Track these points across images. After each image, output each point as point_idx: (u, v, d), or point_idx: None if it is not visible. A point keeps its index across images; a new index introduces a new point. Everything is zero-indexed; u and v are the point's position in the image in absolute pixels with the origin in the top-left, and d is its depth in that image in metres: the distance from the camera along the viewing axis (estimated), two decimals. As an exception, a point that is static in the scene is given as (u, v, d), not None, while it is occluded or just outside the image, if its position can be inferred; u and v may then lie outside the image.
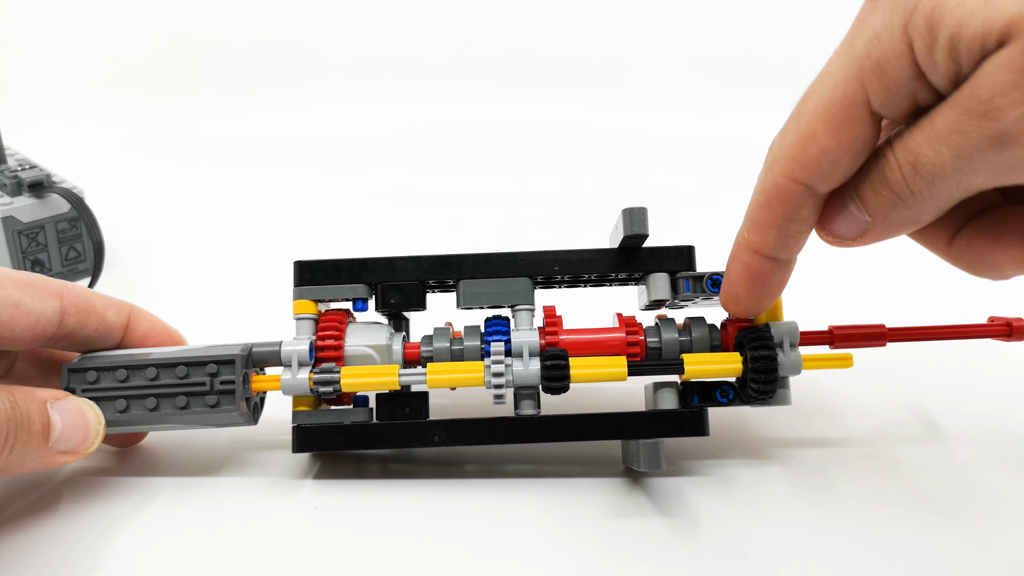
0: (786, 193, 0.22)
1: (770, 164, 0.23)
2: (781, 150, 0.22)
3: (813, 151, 0.21)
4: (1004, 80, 0.17)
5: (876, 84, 0.20)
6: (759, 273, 0.25)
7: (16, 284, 0.28)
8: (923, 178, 0.20)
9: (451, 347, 0.31)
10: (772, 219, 0.23)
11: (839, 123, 0.21)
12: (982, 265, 0.21)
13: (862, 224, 0.22)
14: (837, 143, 0.21)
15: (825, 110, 0.21)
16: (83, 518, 0.29)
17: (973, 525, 0.29)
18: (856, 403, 0.37)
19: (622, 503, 0.30)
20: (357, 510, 0.29)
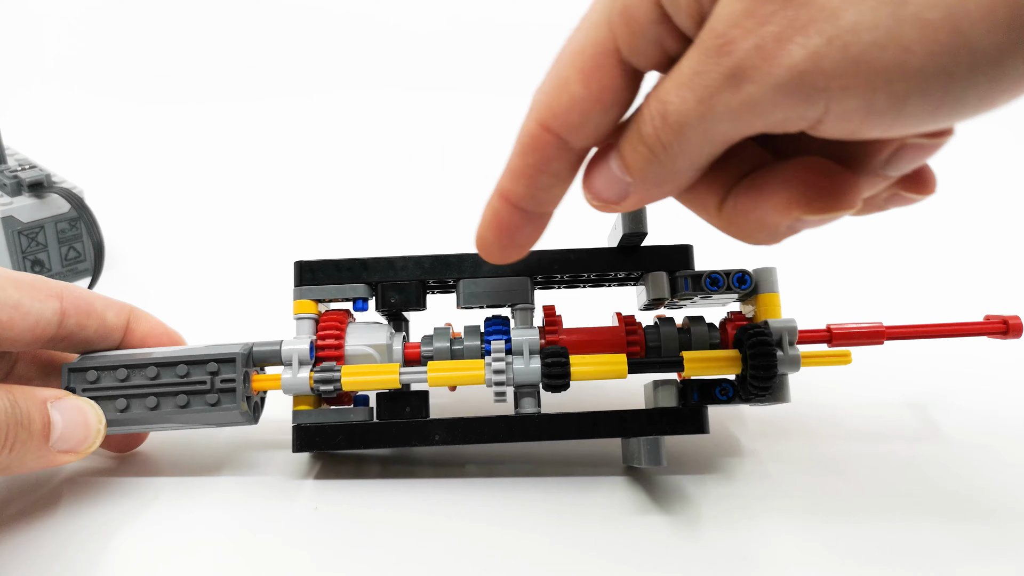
0: (539, 142, 0.21)
1: (528, 112, 0.21)
2: (539, 96, 0.21)
3: (565, 99, 0.20)
4: (736, 11, 0.16)
5: (623, 29, 0.19)
6: (507, 222, 0.23)
7: (16, 285, 0.28)
8: (671, 128, 0.18)
9: (451, 347, 0.31)
10: (524, 168, 0.22)
11: (590, 71, 0.19)
12: (749, 224, 0.20)
13: (623, 184, 0.21)
14: (588, 92, 0.20)
15: (578, 56, 0.20)
16: (83, 518, 0.29)
17: (972, 523, 0.29)
18: (854, 401, 0.37)
19: (622, 502, 0.30)
20: (357, 510, 0.30)
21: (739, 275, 0.31)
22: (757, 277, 0.31)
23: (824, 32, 0.16)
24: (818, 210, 0.19)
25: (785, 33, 0.16)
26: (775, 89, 0.16)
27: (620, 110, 0.20)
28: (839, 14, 0.15)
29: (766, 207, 0.20)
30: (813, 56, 0.16)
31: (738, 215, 0.20)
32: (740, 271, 0.31)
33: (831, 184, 0.19)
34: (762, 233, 0.20)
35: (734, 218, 0.21)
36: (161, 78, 0.82)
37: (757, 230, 0.20)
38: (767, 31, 0.16)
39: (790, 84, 0.16)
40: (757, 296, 0.31)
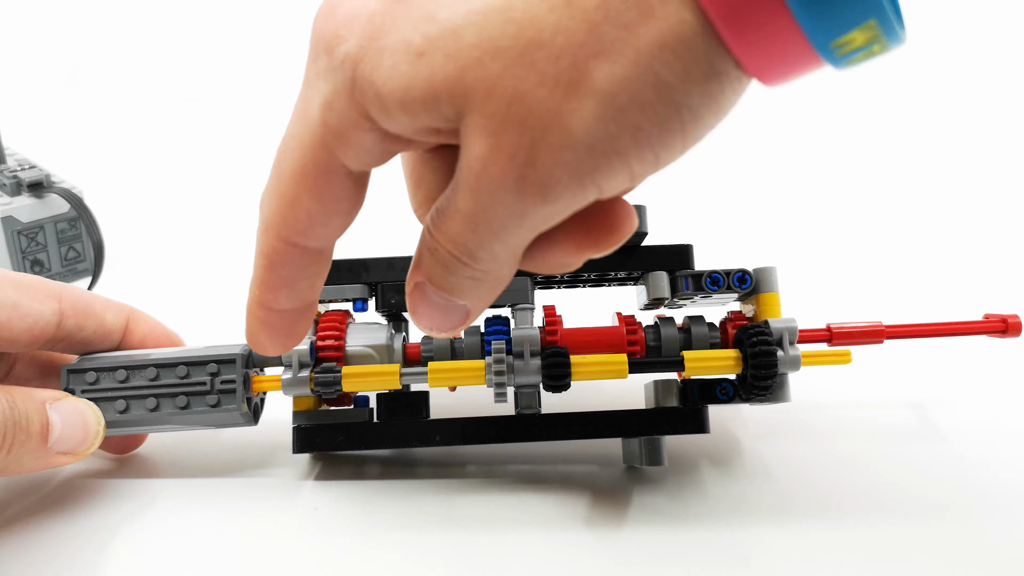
0: (286, 256, 0.21)
1: (263, 229, 0.22)
2: (270, 214, 0.21)
3: (302, 216, 0.20)
4: (484, 149, 0.17)
5: (344, 149, 0.19)
6: (279, 324, 0.24)
7: (14, 285, 0.28)
8: (482, 259, 0.19)
9: (451, 347, 0.31)
10: (279, 280, 0.22)
11: (320, 187, 0.20)
12: (548, 266, 0.21)
13: (461, 309, 0.21)
14: (323, 206, 0.20)
15: (302, 176, 0.20)
16: (83, 520, 0.29)
17: (973, 522, 0.29)
18: (854, 400, 0.37)
19: (622, 502, 0.30)
20: (358, 511, 0.29)
21: (739, 275, 0.31)
22: (757, 277, 0.31)
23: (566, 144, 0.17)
24: (605, 246, 0.21)
25: (536, 156, 0.17)
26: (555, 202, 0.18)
27: (359, 204, 0.21)
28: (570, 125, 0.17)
29: (559, 254, 0.21)
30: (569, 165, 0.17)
31: (535, 263, 0.21)
32: (740, 271, 0.31)
33: (608, 220, 0.20)
34: (562, 268, 0.21)
35: (535, 265, 0.21)
36: (161, 77, 0.82)
37: (556, 269, 0.21)
38: (520, 161, 0.17)
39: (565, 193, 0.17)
40: (757, 296, 0.31)
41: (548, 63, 0.16)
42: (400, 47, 0.17)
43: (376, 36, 0.17)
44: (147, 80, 0.82)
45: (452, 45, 0.17)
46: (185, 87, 0.81)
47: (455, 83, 0.17)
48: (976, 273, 0.50)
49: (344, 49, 0.18)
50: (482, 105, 0.17)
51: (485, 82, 0.16)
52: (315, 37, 0.19)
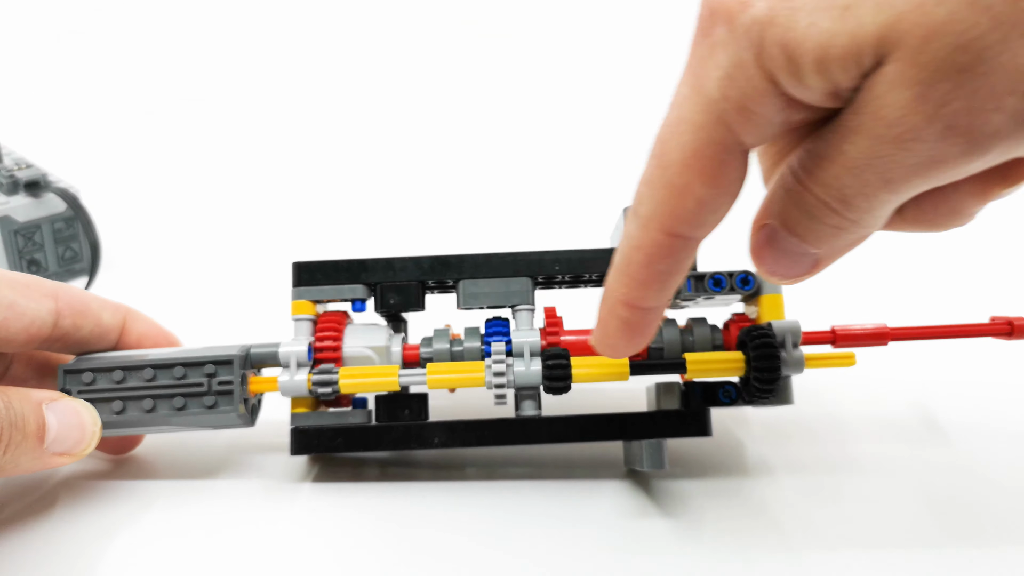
0: (668, 249, 0.21)
1: (644, 222, 0.21)
2: (654, 206, 0.20)
3: (691, 203, 0.20)
4: (905, 98, 0.16)
5: (744, 124, 0.18)
6: (639, 323, 0.23)
7: (10, 285, 0.28)
8: (858, 208, 0.19)
9: (451, 348, 0.31)
10: (654, 275, 0.22)
11: (713, 170, 0.19)
12: (940, 216, 0.20)
13: (811, 257, 0.21)
14: (715, 190, 0.20)
15: (694, 160, 0.19)
16: (79, 522, 0.29)
17: (978, 526, 0.29)
18: (858, 402, 0.37)
19: (624, 505, 0.30)
20: (356, 513, 0.29)
21: (742, 276, 0.31)
22: (760, 278, 0.31)
23: (1016, 90, 0.16)
24: (1012, 183, 0.19)
25: (974, 105, 0.16)
26: (983, 156, 0.17)
27: (742, 190, 0.20)
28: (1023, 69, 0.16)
29: (958, 197, 0.20)
30: (1015, 115, 0.16)
31: (925, 214, 0.20)
32: (743, 272, 0.31)
33: None
34: (954, 220, 0.20)
35: (920, 217, 0.20)
36: (158, 77, 0.82)
37: (949, 220, 0.20)
38: (951, 110, 0.16)
39: (999, 146, 0.16)
40: (760, 297, 0.31)
41: (1005, 6, 0.15)
42: (820, 4, 0.16)
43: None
44: (144, 79, 0.82)
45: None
46: (182, 86, 0.81)
47: (886, 32, 0.16)
48: (982, 275, 0.50)
49: (751, 14, 0.17)
50: (915, 54, 0.16)
51: (924, 28, 0.16)
52: (708, 10, 0.18)
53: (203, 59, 0.83)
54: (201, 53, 0.83)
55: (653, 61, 0.82)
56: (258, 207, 0.61)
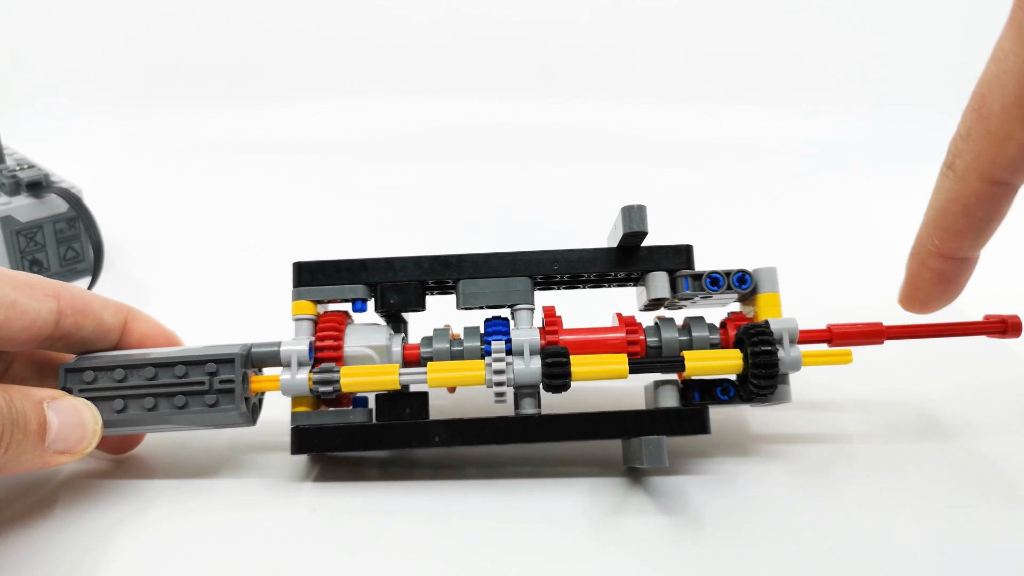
0: (986, 196, 0.22)
1: (962, 172, 0.22)
2: (973, 156, 0.21)
3: (1014, 150, 0.21)
4: None
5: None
6: (952, 275, 0.25)
7: (13, 284, 0.28)
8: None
9: (451, 348, 0.31)
10: (972, 223, 0.23)
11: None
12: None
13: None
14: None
15: (1016, 108, 0.20)
16: (81, 521, 0.29)
17: (974, 522, 0.29)
18: (855, 400, 0.37)
19: (623, 503, 0.30)
20: (356, 512, 0.29)
21: (739, 275, 0.31)
22: (757, 277, 0.31)
23: None
24: None
25: None
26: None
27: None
28: None
29: None
30: None
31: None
32: (740, 271, 0.31)
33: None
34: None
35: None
36: (160, 77, 0.82)
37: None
38: None
39: None
40: (757, 296, 0.31)
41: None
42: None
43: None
44: (146, 79, 0.82)
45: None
46: (183, 87, 0.81)
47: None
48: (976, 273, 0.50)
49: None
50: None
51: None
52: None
53: (206, 58, 0.83)
54: (204, 51, 0.83)
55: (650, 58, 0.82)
56: (259, 207, 0.61)
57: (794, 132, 0.75)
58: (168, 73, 0.82)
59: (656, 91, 0.80)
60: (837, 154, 0.72)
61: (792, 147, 0.73)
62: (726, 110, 0.78)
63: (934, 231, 0.24)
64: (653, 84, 0.81)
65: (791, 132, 0.75)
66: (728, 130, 0.76)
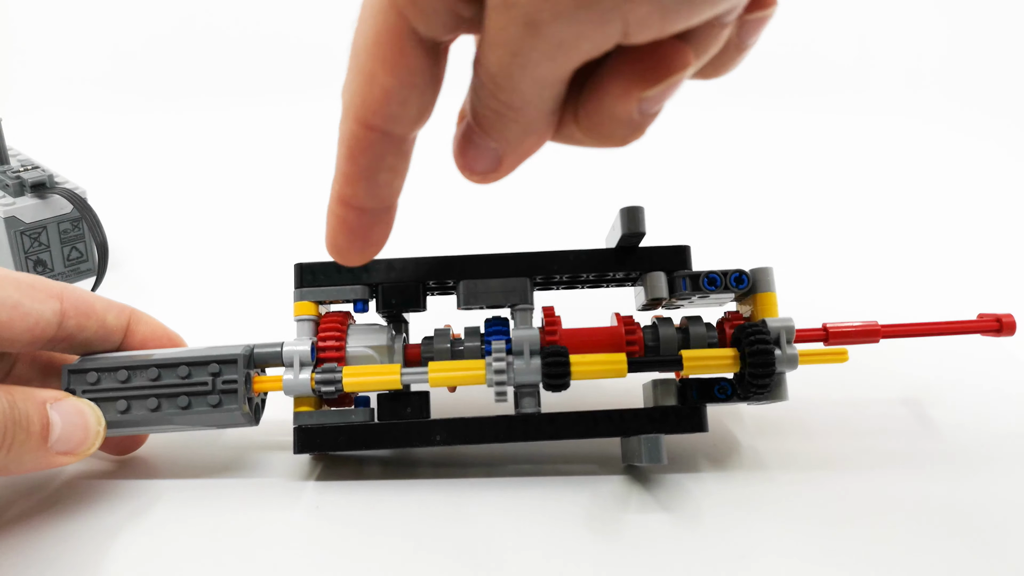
0: (365, 141, 0.21)
1: (344, 114, 0.21)
2: (349, 96, 0.20)
3: (377, 93, 0.20)
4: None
5: (412, 9, 0.18)
6: (356, 225, 0.23)
7: (16, 285, 0.28)
8: (501, 86, 0.18)
9: (452, 347, 0.31)
10: (357, 170, 0.22)
11: (392, 58, 0.19)
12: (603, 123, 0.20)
13: (492, 151, 0.20)
14: (398, 79, 0.19)
15: (375, 47, 0.19)
16: (84, 521, 0.29)
17: (971, 520, 0.29)
18: (851, 398, 0.37)
19: (622, 500, 0.30)
20: (359, 511, 0.30)
21: (736, 275, 0.31)
22: (754, 277, 0.31)
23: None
24: (653, 81, 0.19)
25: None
26: (569, 23, 0.17)
27: (435, 85, 0.20)
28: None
29: (608, 100, 0.19)
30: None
31: (591, 122, 0.20)
32: (737, 271, 0.31)
33: (656, 54, 0.19)
34: (619, 128, 0.20)
35: (590, 126, 0.20)
36: (164, 78, 0.82)
37: (613, 127, 0.20)
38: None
39: (577, 13, 0.16)
40: (754, 295, 0.32)
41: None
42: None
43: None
44: (150, 80, 0.82)
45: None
46: (187, 88, 0.82)
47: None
48: (970, 273, 0.50)
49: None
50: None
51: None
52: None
53: (209, 60, 0.83)
54: (208, 53, 0.83)
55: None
56: (262, 209, 0.62)
57: (793, 132, 0.75)
58: (172, 74, 0.83)
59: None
60: (835, 154, 0.72)
61: (791, 147, 0.73)
62: (726, 110, 0.78)
63: (335, 175, 0.23)
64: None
65: (790, 133, 0.75)
66: (727, 130, 0.77)
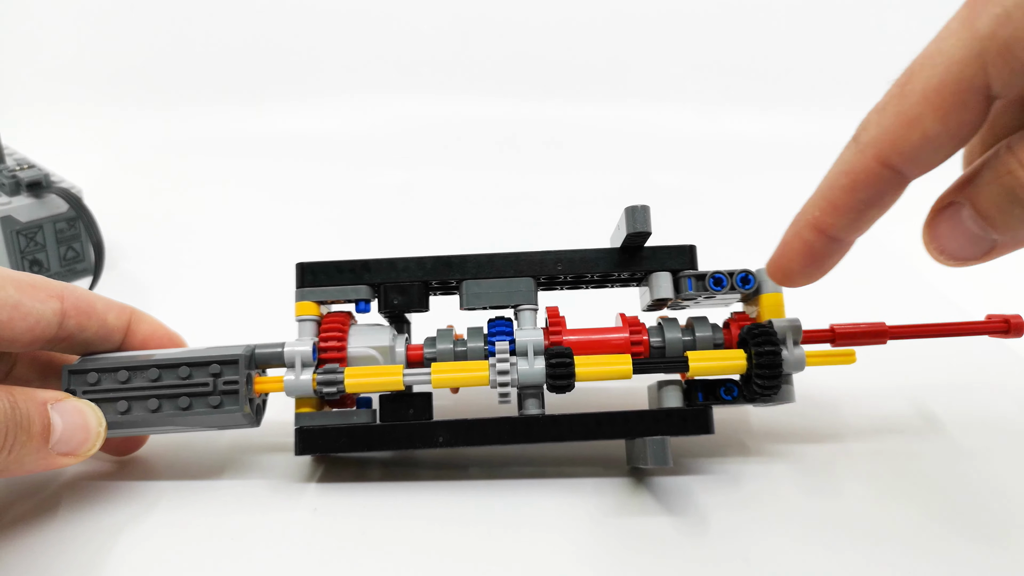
0: (876, 178, 0.21)
1: (862, 146, 0.21)
2: (878, 132, 0.21)
3: (916, 136, 0.20)
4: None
5: (1002, 67, 0.18)
6: (821, 252, 0.24)
7: (16, 285, 0.28)
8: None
9: (454, 348, 0.31)
10: (853, 203, 0.22)
11: (951, 106, 0.19)
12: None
13: (987, 242, 0.21)
14: (945, 128, 0.19)
15: (936, 93, 0.19)
16: (84, 523, 0.29)
17: (977, 524, 0.29)
18: (858, 400, 0.37)
19: (626, 503, 0.30)
20: (360, 513, 0.29)
21: (743, 275, 0.31)
22: (760, 277, 0.31)
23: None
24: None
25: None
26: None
27: (971, 138, 0.20)
28: None
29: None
30: None
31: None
32: (744, 271, 0.31)
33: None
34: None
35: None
36: (160, 77, 0.82)
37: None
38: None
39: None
40: (760, 296, 0.31)
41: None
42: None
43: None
44: (146, 79, 0.82)
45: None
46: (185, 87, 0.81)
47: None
48: (979, 273, 0.50)
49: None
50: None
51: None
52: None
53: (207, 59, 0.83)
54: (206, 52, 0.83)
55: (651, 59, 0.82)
56: (262, 207, 0.61)
57: (797, 132, 0.75)
58: (168, 73, 0.82)
59: (659, 91, 0.80)
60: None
61: (795, 147, 0.73)
62: (729, 110, 0.78)
63: (819, 200, 0.23)
64: (655, 84, 0.81)
65: (794, 132, 0.75)
66: (731, 130, 0.76)
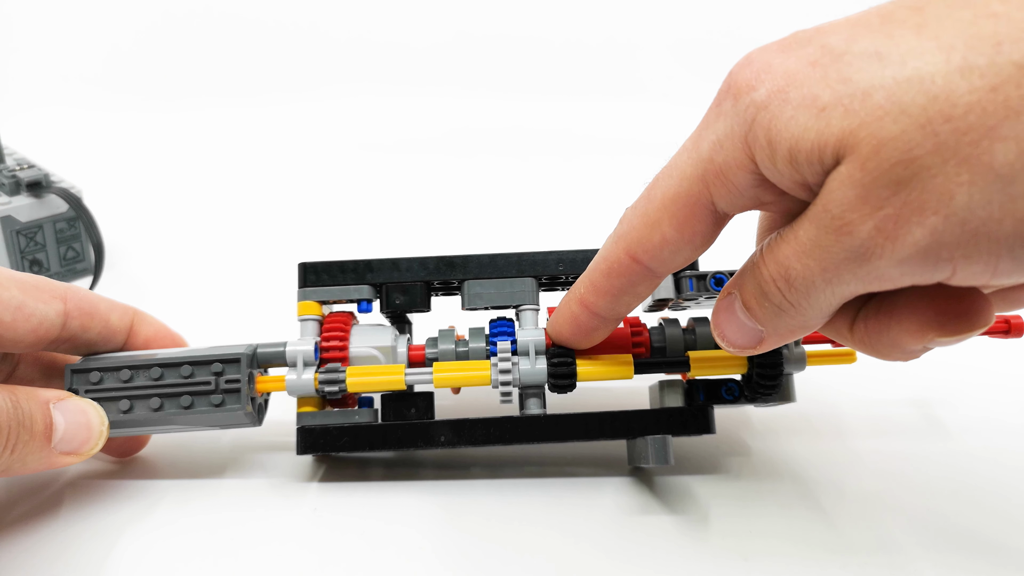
0: (626, 269, 0.24)
1: (616, 238, 0.24)
2: (628, 228, 0.23)
3: (657, 238, 0.22)
4: (849, 196, 0.18)
5: (719, 187, 0.21)
6: (585, 325, 0.27)
7: (20, 285, 0.28)
8: (798, 291, 0.20)
9: (456, 348, 0.31)
10: (608, 287, 0.25)
11: (683, 217, 0.22)
12: (882, 345, 0.21)
13: (756, 333, 0.22)
14: (680, 235, 0.22)
15: (671, 202, 0.22)
16: (86, 522, 0.29)
17: (979, 522, 0.29)
18: (859, 400, 0.37)
19: (628, 502, 0.30)
20: (362, 512, 0.29)
21: (744, 275, 0.31)
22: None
23: (940, 211, 0.17)
24: (952, 332, 0.20)
25: (902, 215, 0.17)
26: (900, 263, 0.18)
27: (707, 245, 0.22)
28: (952, 195, 0.17)
29: (897, 331, 0.21)
30: (933, 233, 0.17)
31: (870, 338, 0.21)
32: (745, 271, 0.31)
33: (962, 306, 0.20)
34: (896, 353, 0.21)
35: (866, 340, 0.22)
36: (161, 77, 0.82)
37: (891, 351, 0.21)
38: (884, 214, 0.17)
39: (914, 258, 0.18)
40: (762, 296, 0.31)
41: (950, 136, 0.17)
42: (805, 101, 0.18)
43: (785, 90, 0.19)
44: (147, 78, 0.82)
45: (857, 104, 0.17)
46: (185, 86, 0.81)
47: (847, 136, 0.17)
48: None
49: (752, 97, 0.19)
50: (865, 159, 0.17)
51: (877, 139, 0.17)
52: (727, 83, 0.20)
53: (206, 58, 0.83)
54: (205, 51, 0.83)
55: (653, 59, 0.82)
56: (264, 207, 0.61)
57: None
58: (168, 72, 0.82)
59: (661, 92, 0.80)
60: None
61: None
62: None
63: (584, 279, 0.26)
64: (657, 85, 0.81)
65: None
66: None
